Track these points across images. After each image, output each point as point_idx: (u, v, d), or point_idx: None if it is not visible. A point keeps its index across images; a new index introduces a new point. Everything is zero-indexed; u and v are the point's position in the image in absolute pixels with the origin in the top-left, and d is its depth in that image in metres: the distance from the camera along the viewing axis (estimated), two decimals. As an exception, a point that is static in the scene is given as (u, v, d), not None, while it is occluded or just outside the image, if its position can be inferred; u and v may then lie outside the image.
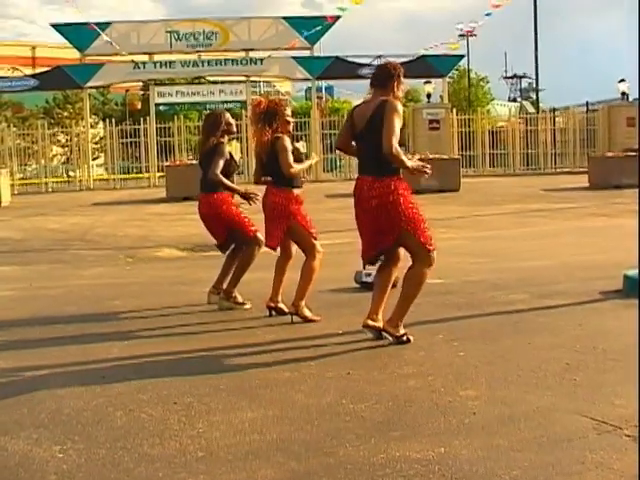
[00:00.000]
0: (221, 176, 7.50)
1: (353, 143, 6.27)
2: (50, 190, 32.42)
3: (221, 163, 7.52)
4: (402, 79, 6.10)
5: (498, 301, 7.54)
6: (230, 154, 7.80)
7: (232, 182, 7.76)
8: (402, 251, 6.11)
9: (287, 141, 6.98)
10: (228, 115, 7.96)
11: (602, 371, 5.08)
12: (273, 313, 7.09)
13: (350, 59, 34.03)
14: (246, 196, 7.69)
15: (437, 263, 6.01)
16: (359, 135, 6.04)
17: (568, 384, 4.79)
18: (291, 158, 6.91)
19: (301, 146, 7.37)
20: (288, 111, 7.19)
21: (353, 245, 11.66)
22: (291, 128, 7.23)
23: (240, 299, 7.63)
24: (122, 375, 5.30)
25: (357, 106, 6.28)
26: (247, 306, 7.57)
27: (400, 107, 5.89)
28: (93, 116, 46.62)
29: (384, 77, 6.07)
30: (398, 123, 5.76)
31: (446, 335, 6.17)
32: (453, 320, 6.77)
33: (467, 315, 6.95)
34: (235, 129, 8.09)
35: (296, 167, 6.96)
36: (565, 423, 4.11)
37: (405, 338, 5.92)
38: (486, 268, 9.82)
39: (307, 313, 6.85)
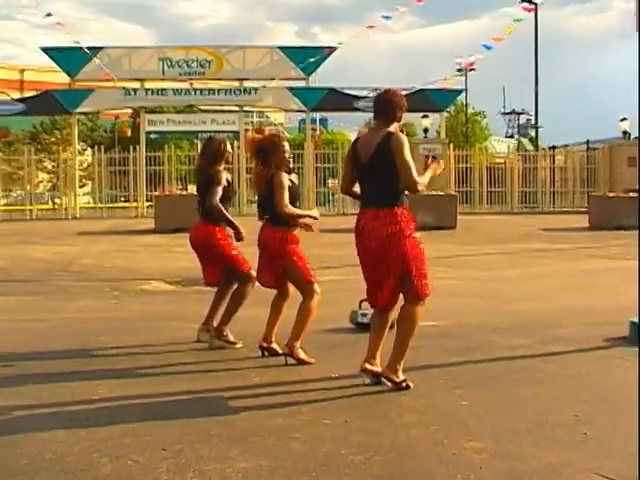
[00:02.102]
0: (221, 207, 7.47)
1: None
2: (35, 217, 32.23)
3: (220, 191, 7.49)
4: (405, 107, 6.04)
5: (499, 346, 7.44)
6: (227, 180, 7.73)
7: (227, 209, 7.69)
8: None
9: (284, 178, 6.87)
10: (228, 143, 7.93)
11: (613, 425, 4.97)
12: (266, 354, 6.97)
13: (346, 91, 34.08)
14: (238, 236, 7.62)
15: (432, 304, 5.94)
16: (364, 167, 5.94)
17: (578, 438, 4.68)
18: (287, 198, 6.81)
19: (294, 179, 7.31)
20: (286, 146, 7.10)
21: (348, 283, 11.64)
22: (290, 163, 7.14)
23: (232, 338, 7.52)
24: (108, 418, 5.15)
25: (358, 138, 6.24)
26: (239, 345, 7.46)
27: (406, 140, 5.83)
28: (81, 143, 46.51)
29: (387, 106, 6.00)
30: (409, 155, 5.75)
31: (447, 381, 6.06)
32: (453, 365, 6.67)
33: (467, 360, 6.84)
34: (230, 158, 8.05)
35: (291, 209, 6.84)
36: (577, 481, 4.00)
37: (405, 384, 5.81)
38: (484, 310, 9.73)
39: (302, 355, 6.72)
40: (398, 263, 5.76)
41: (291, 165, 7.19)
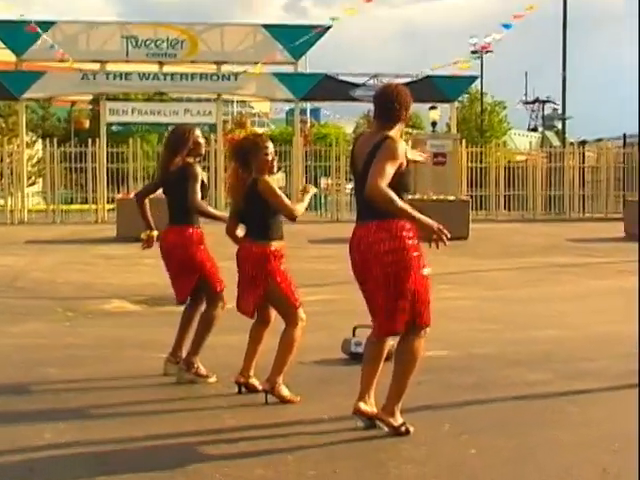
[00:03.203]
0: (204, 204, 7.49)
1: None
2: (-26, 222, 32.17)
3: (198, 188, 7.54)
4: (410, 104, 6.05)
5: (515, 382, 7.47)
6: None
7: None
8: None
9: (273, 182, 6.92)
10: (198, 132, 7.92)
11: (648, 480, 4.98)
12: (243, 390, 7.00)
13: (341, 77, 34.12)
14: None
15: (439, 330, 5.96)
16: (359, 174, 5.95)
17: (605, 496, 4.69)
18: (288, 201, 6.87)
19: (281, 178, 7.31)
20: (270, 147, 7.11)
21: (340, 303, 11.66)
22: (274, 168, 7.15)
23: (203, 370, 7.53)
24: (54, 469, 5.16)
25: (359, 136, 6.24)
26: (212, 380, 7.48)
27: (400, 148, 5.78)
28: (30, 133, 46.47)
29: (388, 104, 6.00)
30: (391, 164, 5.66)
31: (453, 426, 6.08)
32: (460, 406, 6.70)
33: (478, 400, 6.87)
34: (203, 151, 8.04)
35: (300, 208, 6.93)
36: None
37: (404, 429, 5.83)
38: (499, 337, 9.75)
39: (285, 392, 6.74)
40: (405, 282, 5.77)
41: (275, 169, 7.21)
